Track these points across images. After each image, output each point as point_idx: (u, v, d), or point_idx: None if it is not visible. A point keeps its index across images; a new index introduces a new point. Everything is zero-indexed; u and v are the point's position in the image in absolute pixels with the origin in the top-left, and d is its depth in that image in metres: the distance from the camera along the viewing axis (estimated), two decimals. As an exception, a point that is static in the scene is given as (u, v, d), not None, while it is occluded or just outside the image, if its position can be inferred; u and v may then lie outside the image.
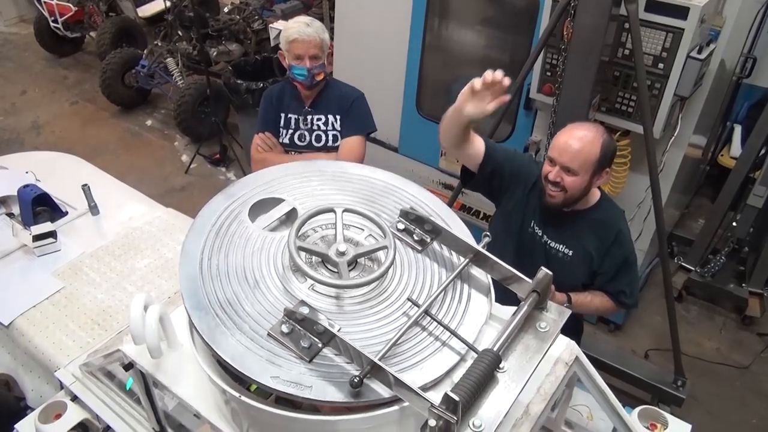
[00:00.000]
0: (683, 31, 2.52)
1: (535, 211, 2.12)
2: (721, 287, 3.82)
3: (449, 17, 3.52)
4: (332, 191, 1.47)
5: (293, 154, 2.64)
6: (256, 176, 1.50)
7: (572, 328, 1.30)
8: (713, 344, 3.69)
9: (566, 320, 1.26)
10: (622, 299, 2.14)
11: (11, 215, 2.72)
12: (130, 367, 1.41)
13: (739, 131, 4.26)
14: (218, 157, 5.18)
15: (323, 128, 2.61)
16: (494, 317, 1.29)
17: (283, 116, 2.62)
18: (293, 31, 2.44)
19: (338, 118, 2.60)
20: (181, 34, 5.65)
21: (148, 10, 6.52)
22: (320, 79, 2.51)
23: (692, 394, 3.14)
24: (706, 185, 4.61)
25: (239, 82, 4.62)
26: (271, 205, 1.42)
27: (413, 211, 1.37)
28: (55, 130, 5.67)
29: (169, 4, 5.62)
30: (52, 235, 2.51)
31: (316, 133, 2.62)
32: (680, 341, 2.94)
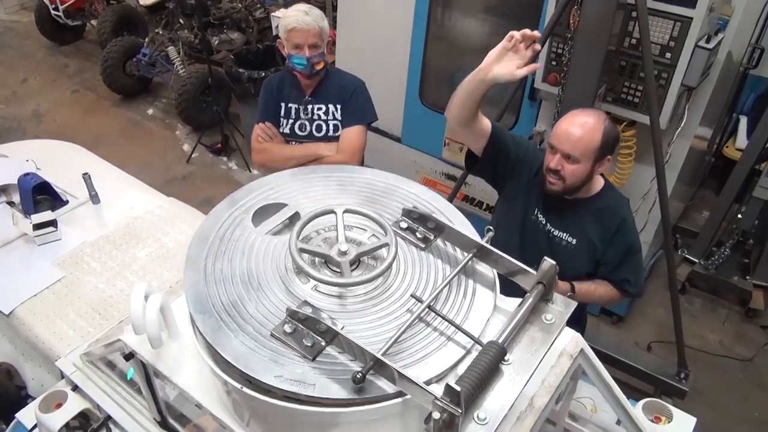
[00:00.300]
0: (692, 20, 2.49)
1: (538, 198, 2.10)
2: (725, 279, 3.81)
3: (453, 5, 3.48)
4: (335, 194, 1.49)
5: (294, 144, 2.61)
6: (259, 182, 1.53)
7: (575, 319, 1.28)
8: (716, 337, 3.68)
9: (569, 311, 1.24)
10: (626, 288, 2.12)
11: (11, 204, 2.70)
12: (130, 357, 1.40)
13: (744, 123, 4.23)
14: (220, 146, 5.16)
15: (324, 118, 2.58)
16: (499, 309, 1.28)
17: (283, 106, 2.59)
18: (292, 19, 2.39)
19: (339, 107, 2.57)
20: (182, 22, 5.62)
21: (149, -2, 6.49)
22: (320, 68, 2.48)
23: (695, 386, 3.13)
24: (710, 177, 4.57)
25: (241, 71, 4.60)
26: (274, 210, 1.44)
27: (415, 209, 1.38)
28: (56, 118, 5.65)
29: (170, -8, 5.59)
30: (52, 223, 2.50)
31: (316, 122, 2.59)
32: (683, 333, 2.93)
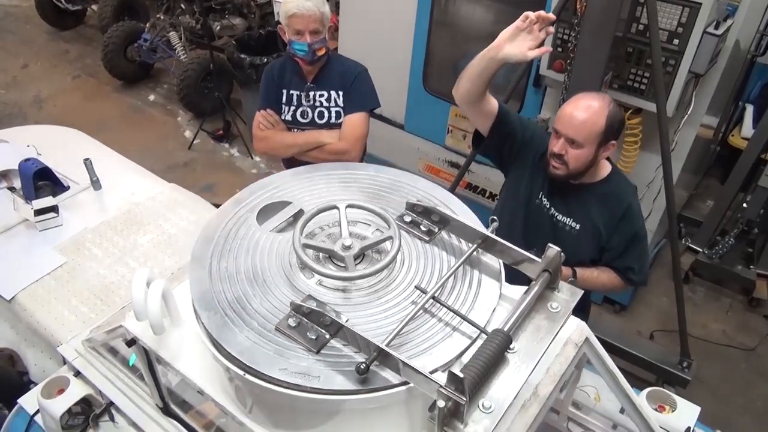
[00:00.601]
0: (700, 5, 2.45)
1: (543, 182, 2.08)
2: (728, 269, 3.79)
3: (458, -9, 3.44)
4: (339, 191, 1.50)
5: (296, 131, 2.58)
6: (263, 182, 1.55)
7: (580, 307, 1.27)
8: (719, 326, 3.67)
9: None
10: (630, 276, 2.09)
11: (12, 189, 2.68)
12: (132, 343, 1.40)
13: (751, 111, 4.18)
14: (221, 132, 5.13)
15: (326, 104, 2.55)
16: (505, 297, 1.27)
17: (284, 93, 2.56)
18: (292, 5, 2.34)
19: (341, 94, 2.53)
20: (183, 7, 5.57)
21: (150, -18, 6.43)
22: (321, 54, 2.44)
23: (697, 375, 3.13)
24: (715, 166, 4.54)
25: (243, 56, 4.56)
26: (278, 208, 1.46)
27: (419, 203, 1.38)
28: (57, 104, 5.62)
29: (171, -24, 5.54)
30: (53, 209, 2.48)
31: (318, 109, 2.56)
32: (686, 322, 2.92)
